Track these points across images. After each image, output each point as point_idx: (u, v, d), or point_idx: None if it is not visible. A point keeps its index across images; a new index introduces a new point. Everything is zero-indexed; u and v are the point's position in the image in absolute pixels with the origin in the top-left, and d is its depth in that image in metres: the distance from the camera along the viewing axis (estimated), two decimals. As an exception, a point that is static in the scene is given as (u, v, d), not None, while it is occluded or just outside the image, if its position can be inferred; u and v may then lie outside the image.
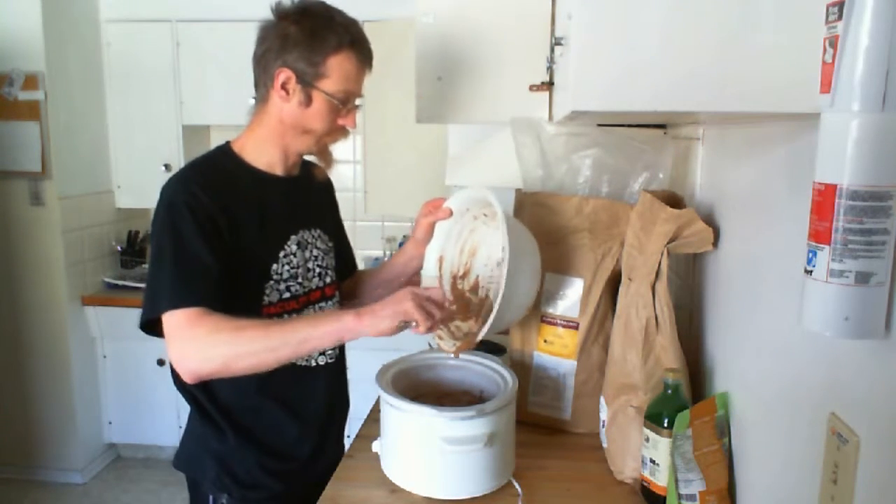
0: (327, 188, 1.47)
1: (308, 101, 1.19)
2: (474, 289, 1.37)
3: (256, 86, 1.24)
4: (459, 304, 1.35)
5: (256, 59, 1.22)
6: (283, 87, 1.18)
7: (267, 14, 1.21)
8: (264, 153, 1.26)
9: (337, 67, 1.17)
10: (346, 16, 1.21)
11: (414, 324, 1.10)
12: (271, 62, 1.18)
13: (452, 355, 1.27)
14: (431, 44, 1.47)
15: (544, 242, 1.36)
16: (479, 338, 1.20)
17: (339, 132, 1.26)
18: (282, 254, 1.25)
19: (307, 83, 1.17)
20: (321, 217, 1.39)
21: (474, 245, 1.38)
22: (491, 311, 1.29)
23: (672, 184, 1.37)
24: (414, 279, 1.43)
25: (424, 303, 1.10)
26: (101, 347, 3.24)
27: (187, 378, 1.11)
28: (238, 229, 1.19)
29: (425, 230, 1.36)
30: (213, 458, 1.28)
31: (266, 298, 1.23)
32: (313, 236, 1.34)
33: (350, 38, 1.18)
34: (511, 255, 1.13)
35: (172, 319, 1.10)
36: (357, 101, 1.25)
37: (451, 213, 1.33)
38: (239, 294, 1.21)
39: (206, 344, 1.08)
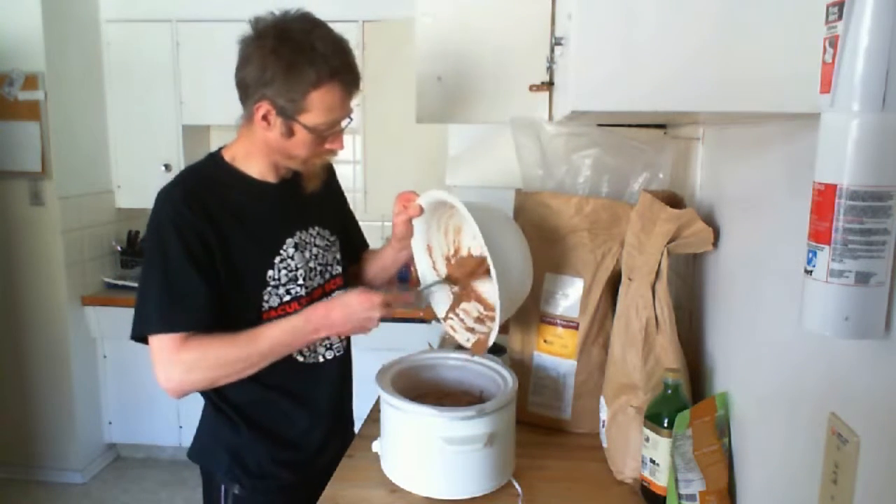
0: (328, 177, 1.44)
1: (290, 132, 1.16)
2: (469, 256, 1.37)
3: (241, 103, 1.20)
4: (463, 277, 1.36)
5: (237, 81, 1.17)
6: (264, 118, 1.15)
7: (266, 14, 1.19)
8: (255, 164, 1.26)
9: (318, 102, 1.13)
10: (328, 38, 1.13)
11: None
12: (251, 92, 1.14)
13: (471, 353, 1.31)
14: (431, 44, 1.47)
15: (544, 242, 1.36)
16: (493, 336, 1.22)
17: (327, 153, 1.24)
18: (278, 259, 1.26)
19: (288, 117, 1.14)
20: (320, 213, 1.38)
21: (458, 224, 1.38)
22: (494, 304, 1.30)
23: (672, 184, 1.37)
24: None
25: (369, 316, 1.19)
26: (101, 347, 3.24)
27: (172, 396, 1.19)
28: (228, 241, 1.20)
29: (403, 227, 1.34)
30: (225, 450, 1.30)
31: (266, 304, 1.24)
32: (311, 235, 1.34)
33: (330, 69, 1.11)
34: (489, 244, 1.14)
35: (158, 343, 1.16)
36: (345, 123, 1.21)
37: (421, 211, 1.30)
38: (238, 303, 1.22)
39: (191, 368, 1.16)
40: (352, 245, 1.50)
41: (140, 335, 1.19)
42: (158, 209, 1.19)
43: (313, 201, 1.37)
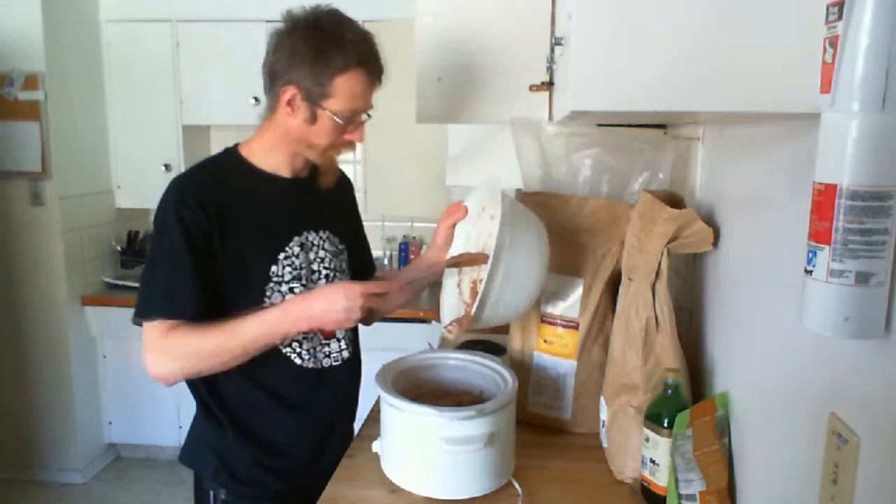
0: (342, 189, 1.46)
1: (313, 118, 1.19)
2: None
3: (266, 93, 1.24)
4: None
5: (265, 69, 1.21)
6: (289, 103, 1.18)
7: (267, 14, 1.20)
8: (271, 156, 1.27)
9: (343, 87, 1.16)
10: (357, 30, 1.19)
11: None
12: (279, 77, 1.18)
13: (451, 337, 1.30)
14: (431, 44, 1.47)
15: (544, 242, 1.36)
16: (473, 309, 1.19)
17: (346, 145, 1.26)
18: (282, 255, 1.25)
19: (313, 102, 1.17)
20: (331, 218, 1.37)
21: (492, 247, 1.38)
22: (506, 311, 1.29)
23: (672, 184, 1.37)
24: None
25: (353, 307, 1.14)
26: (101, 347, 3.24)
27: (161, 383, 1.19)
28: (232, 234, 1.20)
29: (445, 235, 1.36)
30: (213, 453, 1.29)
31: (268, 300, 1.24)
32: (320, 238, 1.33)
33: (358, 56, 1.16)
34: (502, 233, 1.14)
35: (149, 330, 1.17)
36: (365, 115, 1.24)
37: (466, 213, 1.33)
38: (240, 296, 1.22)
39: (176, 357, 1.18)
40: (357, 262, 1.47)
41: (143, 320, 1.20)
42: (166, 198, 1.20)
43: (326, 205, 1.36)
